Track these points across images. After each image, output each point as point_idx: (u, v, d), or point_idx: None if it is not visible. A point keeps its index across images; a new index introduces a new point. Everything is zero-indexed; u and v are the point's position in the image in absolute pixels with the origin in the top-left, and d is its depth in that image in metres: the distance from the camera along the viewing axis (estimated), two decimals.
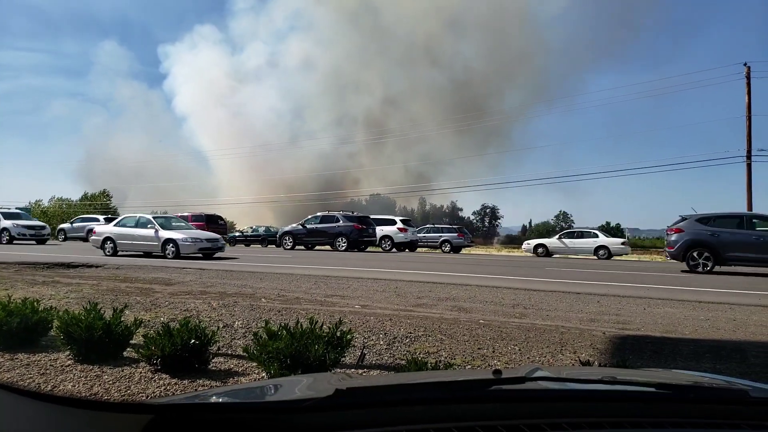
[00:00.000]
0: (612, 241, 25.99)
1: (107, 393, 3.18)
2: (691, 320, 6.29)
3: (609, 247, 25.10)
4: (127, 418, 0.89)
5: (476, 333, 5.05)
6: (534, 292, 8.64)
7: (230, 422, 0.92)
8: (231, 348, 4.36)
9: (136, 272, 10.52)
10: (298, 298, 7.24)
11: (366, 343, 4.56)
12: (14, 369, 3.60)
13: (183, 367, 3.54)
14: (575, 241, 26.06)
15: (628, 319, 6.23)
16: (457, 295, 8.05)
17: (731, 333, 5.60)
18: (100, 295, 6.91)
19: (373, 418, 0.94)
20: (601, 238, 25.88)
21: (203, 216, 30.33)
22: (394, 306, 6.84)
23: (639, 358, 4.29)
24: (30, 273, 9.80)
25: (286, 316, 5.62)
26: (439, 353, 4.32)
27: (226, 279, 9.63)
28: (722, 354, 4.52)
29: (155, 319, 5.33)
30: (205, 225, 29.35)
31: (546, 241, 27.31)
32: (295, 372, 3.21)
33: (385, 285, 9.19)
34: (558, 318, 6.27)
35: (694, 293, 8.93)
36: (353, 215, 25.55)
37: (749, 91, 27.75)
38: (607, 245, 25.26)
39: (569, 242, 26.05)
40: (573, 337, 4.99)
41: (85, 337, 3.70)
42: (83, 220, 34.69)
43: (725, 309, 7.20)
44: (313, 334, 3.43)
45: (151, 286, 8.24)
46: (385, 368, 3.93)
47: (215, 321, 5.25)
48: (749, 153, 27.29)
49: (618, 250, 25.32)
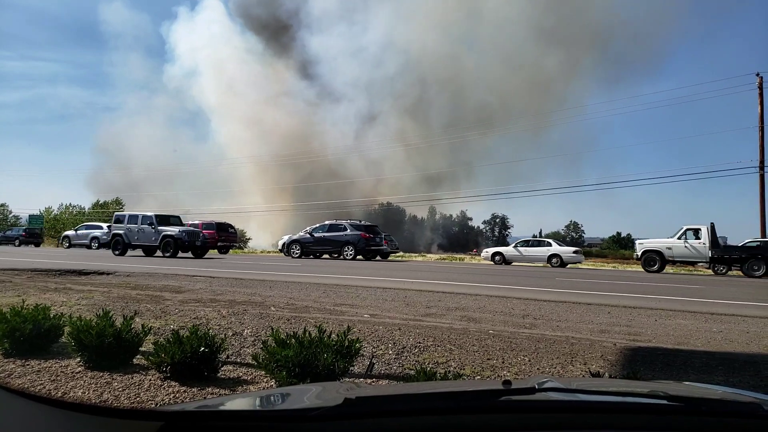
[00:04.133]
0: (564, 250, 27.21)
1: (117, 400, 3.19)
2: (703, 332, 6.22)
3: (561, 256, 26.28)
4: (137, 424, 0.90)
5: (486, 343, 5.02)
6: (544, 302, 8.59)
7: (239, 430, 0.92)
8: (240, 356, 4.37)
9: (147, 280, 10.58)
10: (307, 307, 7.24)
11: (375, 352, 4.54)
12: (26, 375, 3.63)
13: (192, 375, 3.55)
14: (530, 249, 27.37)
15: (640, 331, 6.16)
16: (466, 305, 8.01)
17: (744, 345, 5.53)
18: (111, 302, 6.96)
19: (382, 427, 0.94)
20: (555, 247, 27.16)
21: (214, 224, 30.51)
22: (403, 315, 6.82)
23: (650, 369, 4.24)
24: (42, 280, 9.88)
25: (295, 324, 5.62)
26: (448, 363, 4.29)
27: (236, 287, 9.66)
28: (735, 366, 4.46)
29: (165, 326, 5.35)
30: (215, 233, 29.61)
31: (503, 250, 28.84)
32: (303, 381, 3.21)
33: (395, 294, 9.17)
34: (568, 329, 6.22)
35: (707, 305, 8.82)
36: (361, 224, 25.59)
37: (762, 101, 27.55)
38: (560, 254, 26.47)
39: (524, 250, 27.35)
40: (583, 348, 4.94)
41: (95, 344, 3.73)
42: (87, 228, 35.04)
43: (738, 321, 7.11)
44: (321, 342, 3.43)
45: (161, 293, 8.29)
46: (393, 378, 3.91)
47: (224, 329, 5.27)
48: (762, 164, 27.06)
49: (570, 258, 26.46)
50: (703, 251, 21.89)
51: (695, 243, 22.11)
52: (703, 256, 21.97)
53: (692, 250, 22.09)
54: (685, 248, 22.17)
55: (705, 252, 21.83)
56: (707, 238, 21.82)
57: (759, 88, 27.71)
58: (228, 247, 31.56)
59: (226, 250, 31.20)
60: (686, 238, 22.34)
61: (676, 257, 22.65)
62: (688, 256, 22.43)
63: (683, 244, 22.27)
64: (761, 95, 27.56)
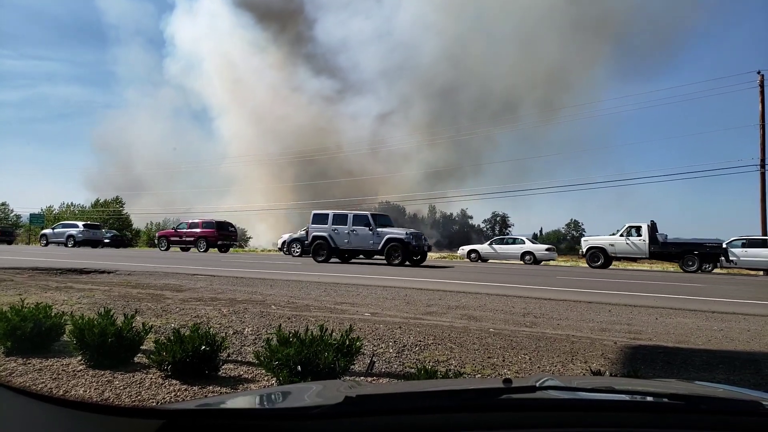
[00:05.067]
0: (537, 247, 27.95)
1: (118, 398, 3.20)
2: (704, 330, 6.22)
3: (534, 253, 27.09)
4: (139, 422, 0.90)
5: (486, 342, 5.02)
6: (545, 300, 8.59)
7: (240, 428, 0.92)
8: (241, 355, 4.37)
9: (147, 278, 10.58)
10: (307, 306, 7.25)
11: (375, 351, 4.55)
12: (27, 374, 3.63)
13: (193, 374, 3.56)
14: (504, 247, 28.17)
15: (640, 329, 6.17)
16: (467, 304, 8.01)
17: (745, 344, 5.53)
18: (112, 300, 6.96)
19: (383, 426, 0.94)
20: (528, 245, 27.89)
21: (213, 223, 30.70)
22: (403, 314, 6.83)
23: (651, 368, 4.24)
24: (43, 278, 9.89)
25: (296, 323, 5.63)
26: (448, 362, 4.30)
27: (237, 286, 9.66)
28: (736, 365, 4.46)
29: (166, 325, 5.36)
30: (215, 232, 29.85)
31: (478, 247, 29.44)
32: (304, 379, 3.21)
33: (395, 293, 9.17)
34: (569, 327, 6.22)
35: (707, 303, 8.82)
36: None
37: (763, 99, 27.50)
38: (533, 251, 27.29)
39: (499, 248, 28.16)
40: (584, 347, 4.94)
41: (97, 343, 3.73)
42: (64, 226, 36.75)
43: (739, 319, 7.11)
44: (322, 341, 3.43)
45: (162, 292, 8.29)
46: (394, 376, 3.92)
47: (225, 327, 5.27)
48: (763, 162, 27.00)
49: (543, 255, 27.27)
50: (643, 247, 23.00)
51: (636, 240, 23.15)
52: (643, 252, 23.11)
53: (633, 247, 23.19)
54: (626, 245, 23.34)
55: (645, 248, 22.97)
56: (647, 235, 22.90)
57: (760, 86, 27.65)
58: (228, 245, 31.81)
59: (226, 249, 31.45)
60: (628, 236, 23.39)
61: (619, 253, 23.69)
62: (630, 252, 23.49)
63: (625, 240, 23.39)
64: (762, 93, 27.52)
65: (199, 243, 29.96)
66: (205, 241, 29.83)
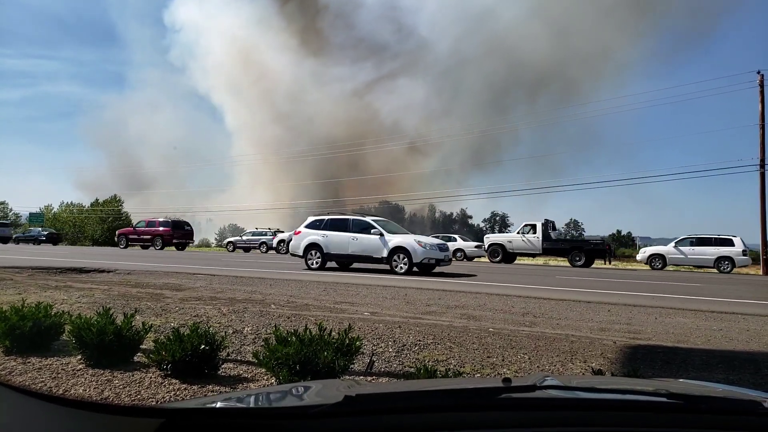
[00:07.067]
0: (467, 245, 29.92)
1: (118, 397, 3.20)
2: (703, 330, 6.22)
3: (465, 250, 28.87)
4: (138, 421, 0.90)
5: (486, 341, 5.02)
6: (544, 300, 8.59)
7: (239, 427, 0.92)
8: (240, 354, 4.37)
9: (147, 278, 10.58)
10: (307, 305, 7.25)
11: (375, 350, 4.55)
12: (27, 373, 3.63)
13: (193, 373, 3.56)
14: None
15: (640, 329, 6.17)
16: (466, 303, 8.01)
17: (744, 343, 5.53)
18: (112, 300, 6.96)
19: (382, 425, 0.94)
20: (459, 242, 29.99)
21: (170, 222, 31.47)
22: (403, 313, 6.83)
23: (650, 367, 4.24)
24: (43, 278, 9.89)
25: (296, 322, 5.62)
26: (448, 361, 4.29)
27: (236, 285, 9.66)
28: (735, 364, 4.46)
29: (165, 324, 5.36)
30: (171, 230, 30.76)
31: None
32: (304, 378, 3.22)
33: (395, 292, 9.17)
34: (568, 327, 6.22)
35: (707, 303, 8.83)
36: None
37: (762, 99, 27.48)
38: (463, 248, 29.17)
39: None
40: (583, 346, 4.94)
41: (96, 342, 3.73)
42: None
43: (738, 319, 7.11)
44: (322, 340, 3.43)
45: (161, 291, 8.29)
46: (394, 376, 3.92)
47: (225, 327, 5.27)
48: (762, 162, 26.98)
49: (473, 253, 29.02)
50: (537, 244, 24.82)
51: (531, 237, 24.83)
52: (537, 249, 24.95)
53: (528, 243, 25.00)
54: (522, 242, 25.13)
55: (538, 245, 24.79)
56: (541, 233, 24.58)
57: (760, 86, 27.62)
58: (184, 244, 32.56)
59: (182, 247, 32.12)
60: (524, 233, 25.03)
61: (516, 249, 25.44)
62: (526, 249, 25.28)
63: (521, 238, 25.03)
64: (762, 93, 27.50)
65: (155, 241, 30.69)
66: (161, 239, 30.66)
